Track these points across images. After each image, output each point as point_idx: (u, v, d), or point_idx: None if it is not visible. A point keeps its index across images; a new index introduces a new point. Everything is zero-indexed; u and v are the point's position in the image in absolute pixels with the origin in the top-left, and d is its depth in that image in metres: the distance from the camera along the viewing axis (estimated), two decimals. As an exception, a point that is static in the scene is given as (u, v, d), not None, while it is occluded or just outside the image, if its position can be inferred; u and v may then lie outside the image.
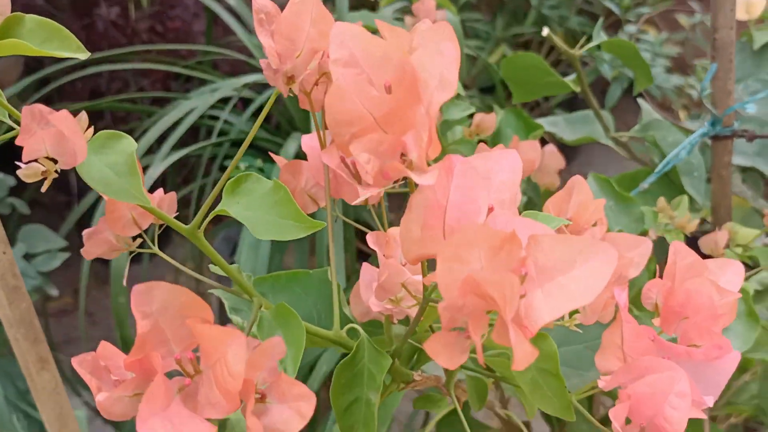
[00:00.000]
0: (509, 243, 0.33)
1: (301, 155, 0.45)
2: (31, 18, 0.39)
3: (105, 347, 0.34)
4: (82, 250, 0.52)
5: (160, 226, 0.54)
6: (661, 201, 0.72)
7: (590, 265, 0.33)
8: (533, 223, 0.37)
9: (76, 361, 0.34)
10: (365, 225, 0.70)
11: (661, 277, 0.46)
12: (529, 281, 0.34)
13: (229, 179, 0.45)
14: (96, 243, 0.51)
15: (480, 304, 0.34)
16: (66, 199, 1.69)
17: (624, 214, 0.74)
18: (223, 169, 1.32)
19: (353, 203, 0.41)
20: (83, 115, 0.39)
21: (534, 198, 0.93)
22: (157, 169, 1.16)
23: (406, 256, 0.40)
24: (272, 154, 0.59)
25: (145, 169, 1.21)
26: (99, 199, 1.35)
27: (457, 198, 0.38)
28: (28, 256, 1.09)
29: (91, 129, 0.40)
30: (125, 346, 1.08)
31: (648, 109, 0.94)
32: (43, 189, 0.37)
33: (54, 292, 1.10)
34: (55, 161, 0.37)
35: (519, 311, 0.33)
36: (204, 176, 1.34)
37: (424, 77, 0.37)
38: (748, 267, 0.76)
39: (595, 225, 0.56)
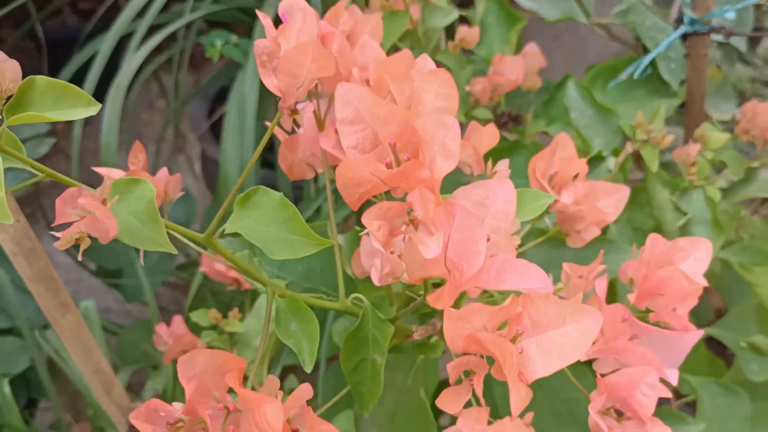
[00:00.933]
0: (506, 311, 0.38)
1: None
2: (41, 79, 0.40)
3: (156, 403, 0.39)
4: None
5: (168, 202, 0.57)
6: (639, 116, 0.75)
7: (579, 326, 0.38)
8: (528, 267, 0.41)
9: (132, 416, 0.39)
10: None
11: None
12: (525, 335, 0.39)
13: (239, 194, 0.47)
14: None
15: (480, 362, 0.38)
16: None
17: (603, 125, 0.77)
18: (198, 45, 1.30)
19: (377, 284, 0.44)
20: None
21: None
22: (137, 59, 1.13)
23: (410, 277, 0.44)
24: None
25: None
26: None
27: (457, 237, 0.41)
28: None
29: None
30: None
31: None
32: (80, 257, 0.40)
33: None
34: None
35: (516, 362, 0.38)
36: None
37: (427, 141, 0.39)
38: (718, 169, 0.81)
39: (576, 177, 0.60)
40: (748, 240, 0.83)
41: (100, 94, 0.76)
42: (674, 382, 0.48)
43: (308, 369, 0.49)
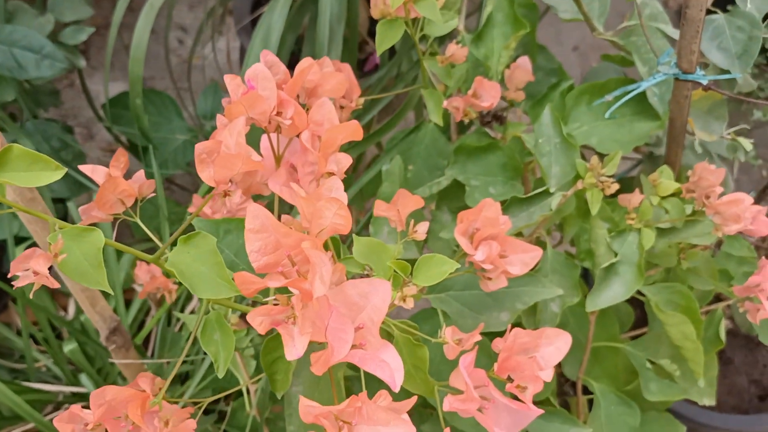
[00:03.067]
0: (348, 407, 0.48)
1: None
2: (17, 147, 0.50)
3: (76, 408, 0.52)
4: (81, 213, 0.66)
5: (141, 200, 0.67)
6: (594, 160, 0.81)
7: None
8: (382, 363, 0.51)
9: (56, 421, 0.51)
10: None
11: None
12: (362, 423, 0.50)
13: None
14: (90, 218, 0.65)
15: (321, 439, 0.50)
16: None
17: (564, 156, 0.83)
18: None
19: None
20: None
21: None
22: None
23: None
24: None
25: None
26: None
27: (333, 326, 0.52)
28: (57, 26, 1.19)
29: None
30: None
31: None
32: (31, 296, 0.51)
33: (82, 63, 1.22)
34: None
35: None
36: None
37: (313, 263, 0.48)
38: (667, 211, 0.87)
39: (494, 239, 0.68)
40: (671, 277, 0.91)
41: None
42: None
43: (220, 375, 0.61)
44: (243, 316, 0.87)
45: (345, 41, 1.24)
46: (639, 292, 0.87)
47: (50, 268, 0.53)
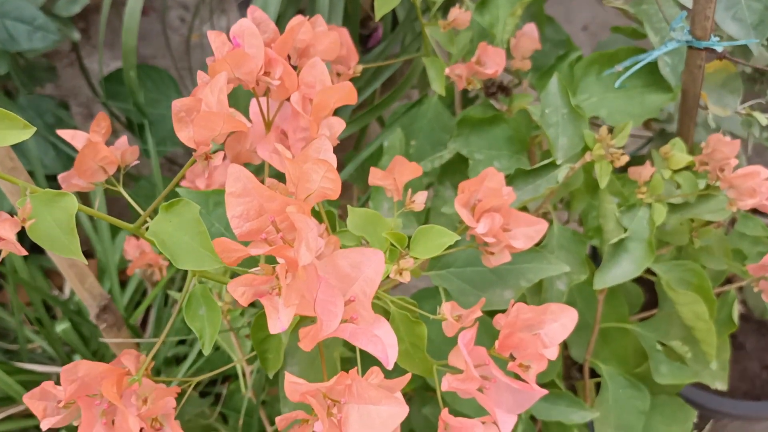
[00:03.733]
0: (337, 384, 0.45)
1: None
2: (-17, 105, 0.46)
3: (48, 384, 0.48)
4: (60, 181, 0.62)
5: (125, 167, 0.64)
6: (603, 131, 0.77)
7: (389, 409, 0.45)
8: (374, 338, 0.48)
9: (26, 397, 0.48)
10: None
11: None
12: (352, 401, 0.46)
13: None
14: (70, 186, 0.62)
15: (308, 416, 0.46)
16: None
17: (571, 126, 0.79)
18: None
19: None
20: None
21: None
22: None
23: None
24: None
25: None
26: None
27: (322, 298, 0.48)
28: (49, 1, 1.15)
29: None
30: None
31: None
32: None
33: (77, 35, 1.18)
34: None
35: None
36: None
37: (299, 229, 0.45)
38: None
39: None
40: (683, 256, 0.88)
41: None
42: (507, 431, 0.55)
43: (206, 352, 0.57)
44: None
45: (347, 16, 1.20)
46: (649, 272, 0.83)
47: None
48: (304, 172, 0.46)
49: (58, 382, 1.11)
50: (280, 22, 1.13)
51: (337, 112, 0.59)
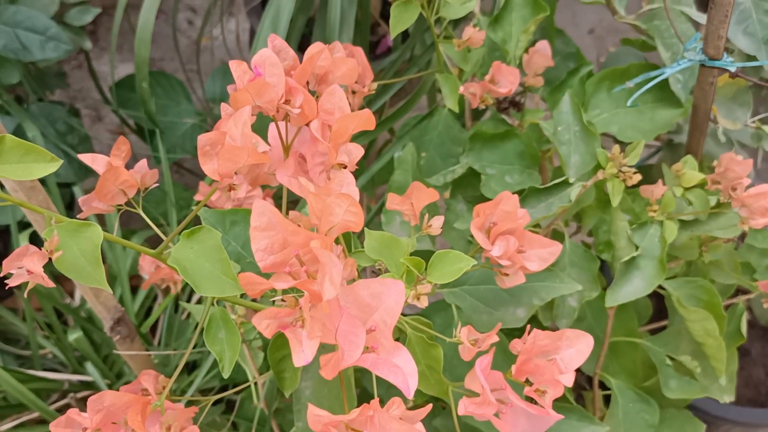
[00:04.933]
0: (360, 416, 0.46)
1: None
2: (9, 138, 0.47)
3: (73, 412, 0.49)
4: (81, 204, 0.63)
5: (145, 190, 0.64)
6: (615, 150, 0.77)
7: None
8: (394, 368, 0.48)
9: (53, 426, 0.49)
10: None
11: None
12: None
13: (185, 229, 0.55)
14: (90, 209, 0.62)
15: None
16: None
17: (584, 144, 0.80)
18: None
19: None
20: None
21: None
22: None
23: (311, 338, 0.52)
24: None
25: None
26: None
27: (344, 329, 0.49)
28: (63, 7, 1.16)
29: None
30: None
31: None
32: (25, 295, 0.49)
33: (88, 44, 1.19)
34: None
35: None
36: None
37: (322, 263, 0.45)
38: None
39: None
40: (692, 270, 0.88)
41: None
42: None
43: (226, 375, 0.58)
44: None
45: (357, 23, 1.20)
46: (659, 286, 0.84)
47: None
48: (327, 206, 0.47)
49: (69, 390, 1.12)
50: (291, 29, 1.13)
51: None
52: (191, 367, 1.17)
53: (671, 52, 0.91)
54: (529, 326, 0.59)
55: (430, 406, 0.50)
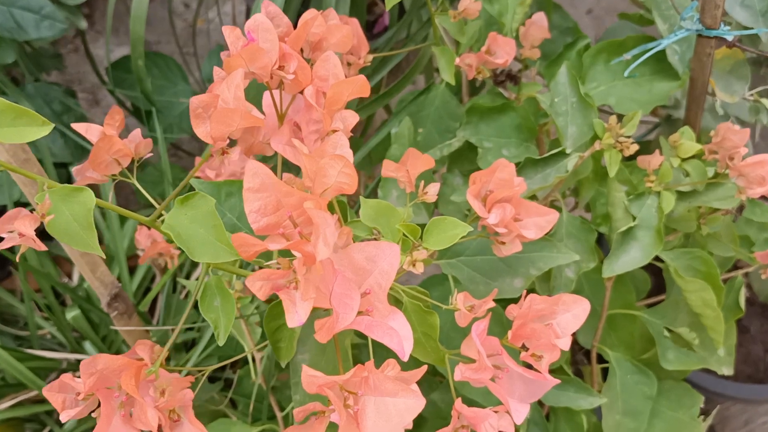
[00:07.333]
0: (354, 377, 0.46)
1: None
2: (1, 101, 0.47)
3: (66, 377, 0.49)
4: (74, 174, 0.63)
5: (138, 160, 0.64)
6: (612, 120, 0.77)
7: (406, 401, 0.46)
8: (389, 329, 0.48)
9: (46, 390, 0.49)
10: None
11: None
12: (368, 393, 0.47)
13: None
14: (84, 179, 0.62)
15: (324, 408, 0.47)
16: None
17: (581, 115, 0.80)
18: None
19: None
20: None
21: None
22: None
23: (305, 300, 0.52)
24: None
25: None
26: None
27: (338, 292, 0.49)
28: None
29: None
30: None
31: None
32: (17, 259, 0.49)
33: (84, 24, 1.18)
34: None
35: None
36: None
37: (316, 224, 0.45)
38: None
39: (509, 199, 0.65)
40: (690, 242, 0.88)
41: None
42: (519, 420, 0.56)
43: (221, 342, 0.58)
44: (247, 282, 0.84)
45: (353, 2, 1.20)
46: (657, 258, 0.84)
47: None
48: (321, 168, 0.47)
49: (68, 369, 1.12)
50: (287, 9, 1.12)
51: (344, 102, 0.59)
52: (190, 345, 1.17)
53: (668, 24, 0.91)
54: (525, 291, 0.59)
55: (425, 367, 0.50)
